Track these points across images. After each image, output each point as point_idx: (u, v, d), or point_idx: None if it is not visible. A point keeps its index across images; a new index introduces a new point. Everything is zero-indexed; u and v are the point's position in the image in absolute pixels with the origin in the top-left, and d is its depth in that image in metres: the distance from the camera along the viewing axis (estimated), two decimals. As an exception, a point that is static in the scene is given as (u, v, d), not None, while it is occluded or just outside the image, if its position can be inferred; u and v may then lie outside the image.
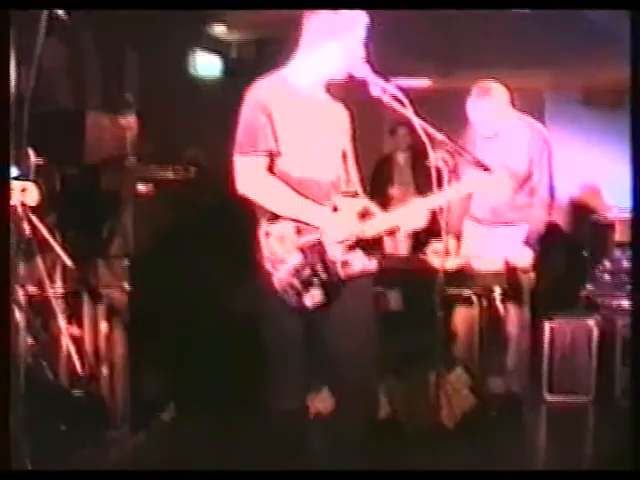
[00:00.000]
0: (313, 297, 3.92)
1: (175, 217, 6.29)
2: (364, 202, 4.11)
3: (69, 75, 7.65)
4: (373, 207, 4.11)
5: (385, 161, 9.30)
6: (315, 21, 4.02)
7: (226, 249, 6.25)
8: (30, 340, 4.99)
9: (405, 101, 3.91)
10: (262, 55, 10.14)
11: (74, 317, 5.70)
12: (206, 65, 9.55)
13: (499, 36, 8.50)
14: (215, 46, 9.74)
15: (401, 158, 9.16)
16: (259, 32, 10.12)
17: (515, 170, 5.66)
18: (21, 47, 2.81)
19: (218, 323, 6.40)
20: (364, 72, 3.96)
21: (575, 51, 8.53)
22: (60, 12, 2.81)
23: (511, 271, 5.85)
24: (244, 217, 4.10)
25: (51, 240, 5.59)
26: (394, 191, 8.94)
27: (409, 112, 3.91)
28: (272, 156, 3.96)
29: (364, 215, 4.05)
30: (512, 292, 5.94)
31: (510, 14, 7.44)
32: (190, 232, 6.35)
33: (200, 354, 6.18)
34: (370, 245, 4.09)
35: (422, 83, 11.84)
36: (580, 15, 6.89)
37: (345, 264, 3.99)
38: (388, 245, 7.77)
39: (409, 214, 4.10)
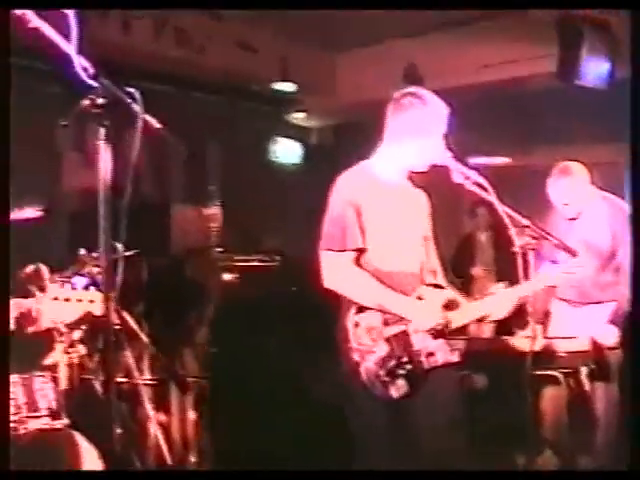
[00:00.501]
0: (399, 388, 3.91)
1: (260, 305, 6.32)
2: (449, 293, 4.11)
3: (154, 168, 7.85)
4: (458, 298, 4.10)
5: (466, 241, 9.26)
6: (399, 115, 4.08)
7: (311, 337, 6.25)
8: (118, 429, 5.03)
9: (487, 186, 3.94)
10: (340, 140, 10.27)
11: (162, 405, 5.76)
12: (286, 152, 9.69)
13: (575, 112, 8.51)
14: (294, 133, 9.90)
15: (482, 238, 9.12)
16: (336, 118, 10.27)
17: (599, 249, 5.61)
18: (116, 147, 2.90)
19: (303, 411, 6.38)
20: (446, 160, 4.00)
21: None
22: (150, 119, 2.89)
23: (598, 350, 5.76)
24: (329, 306, 4.12)
25: (138, 330, 5.68)
26: (477, 271, 8.90)
27: (492, 197, 3.93)
28: (359, 252, 4.00)
29: (448, 306, 4.05)
30: (599, 371, 5.84)
31: (585, 90, 7.46)
32: (275, 320, 6.37)
33: (285, 442, 6.15)
34: (454, 334, 4.08)
35: (502, 161, 11.86)
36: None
37: (430, 355, 3.99)
38: (472, 328, 7.71)
39: (497, 304, 4.09)
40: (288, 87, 9.08)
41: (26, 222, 7.23)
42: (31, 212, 7.31)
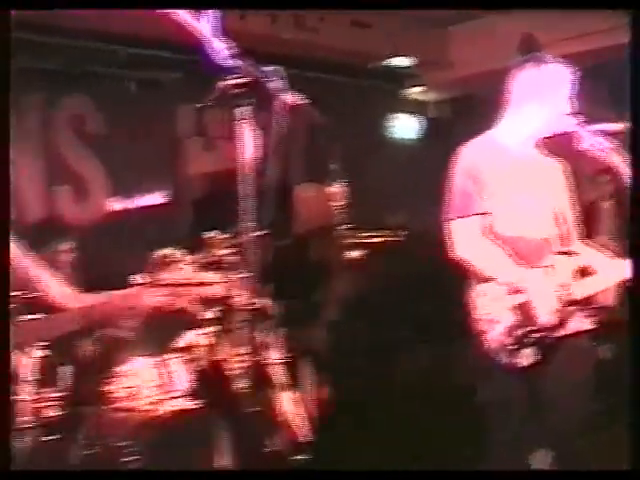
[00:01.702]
0: (527, 356, 3.89)
1: (386, 281, 6.34)
2: (581, 260, 4.06)
3: (276, 148, 7.91)
4: (593, 265, 4.04)
5: (590, 210, 9.09)
6: (520, 80, 4.05)
7: (438, 310, 6.24)
8: (250, 408, 5.11)
9: (615, 153, 3.88)
10: (457, 113, 10.22)
11: (292, 383, 5.82)
12: (404, 128, 9.69)
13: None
14: (412, 108, 9.89)
15: (606, 206, 8.96)
16: (453, 91, 10.22)
17: None
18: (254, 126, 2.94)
19: (428, 383, 6.36)
20: (572, 126, 3.96)
21: None
22: (295, 97, 2.93)
23: None
24: (455, 278, 4.11)
25: (269, 309, 5.75)
26: (602, 240, 8.74)
27: (620, 163, 3.88)
28: (485, 218, 3.99)
29: (581, 273, 4.00)
30: None
31: None
32: (402, 295, 6.38)
33: (409, 415, 6.15)
34: (585, 303, 4.03)
35: (620, 127, 11.62)
36: None
37: (560, 323, 3.95)
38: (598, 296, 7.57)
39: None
40: (403, 62, 9.09)
41: (152, 208, 7.42)
42: (157, 198, 7.50)
